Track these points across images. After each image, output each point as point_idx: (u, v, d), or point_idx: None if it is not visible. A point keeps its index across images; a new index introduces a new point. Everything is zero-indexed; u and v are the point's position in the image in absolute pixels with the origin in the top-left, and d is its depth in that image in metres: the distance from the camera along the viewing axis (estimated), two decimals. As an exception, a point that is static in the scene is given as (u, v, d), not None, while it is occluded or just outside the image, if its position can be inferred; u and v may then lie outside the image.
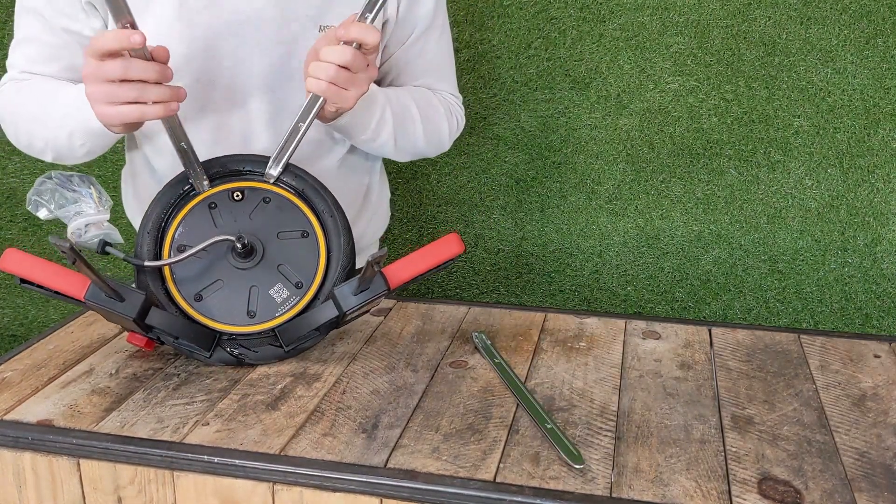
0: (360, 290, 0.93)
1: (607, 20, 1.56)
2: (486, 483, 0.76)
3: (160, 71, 0.91)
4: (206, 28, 1.05)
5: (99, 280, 0.86)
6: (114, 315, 0.91)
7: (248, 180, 1.02)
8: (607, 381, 0.95)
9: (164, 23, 1.05)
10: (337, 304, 0.95)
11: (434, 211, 1.74)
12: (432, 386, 0.93)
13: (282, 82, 1.09)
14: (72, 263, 0.83)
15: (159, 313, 0.93)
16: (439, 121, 1.18)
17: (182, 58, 1.06)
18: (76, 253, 0.81)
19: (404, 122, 1.13)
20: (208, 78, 1.08)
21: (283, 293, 0.98)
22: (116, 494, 0.83)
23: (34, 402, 0.90)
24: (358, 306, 0.94)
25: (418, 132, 1.15)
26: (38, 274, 0.88)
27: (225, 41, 1.06)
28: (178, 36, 1.05)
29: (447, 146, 1.22)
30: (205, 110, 1.10)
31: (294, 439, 0.82)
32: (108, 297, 0.89)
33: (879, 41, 1.49)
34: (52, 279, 0.88)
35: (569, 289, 1.73)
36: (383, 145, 1.13)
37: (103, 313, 0.91)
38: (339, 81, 0.95)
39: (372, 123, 1.08)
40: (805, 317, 1.65)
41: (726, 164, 1.60)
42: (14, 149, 1.82)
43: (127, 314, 0.89)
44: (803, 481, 0.76)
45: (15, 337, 2.00)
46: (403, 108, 1.12)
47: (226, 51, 1.07)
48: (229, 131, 1.11)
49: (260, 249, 0.99)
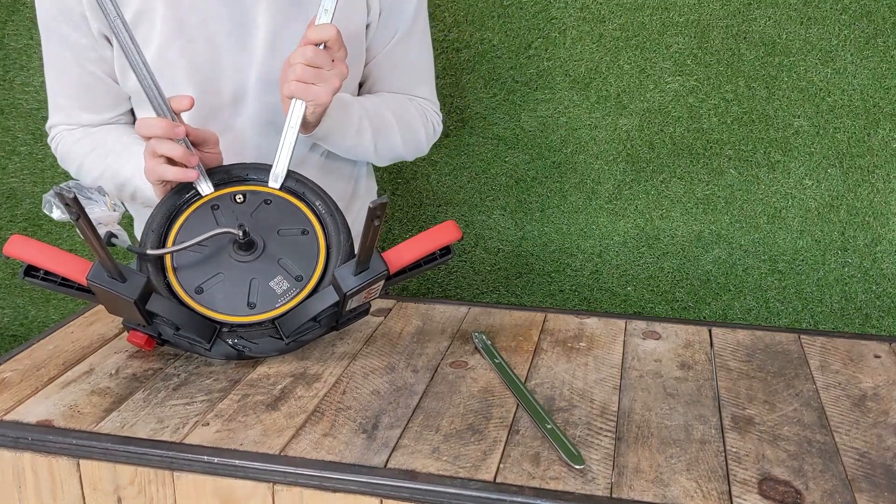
0: (359, 270, 0.93)
1: (607, 20, 1.56)
2: (486, 483, 0.76)
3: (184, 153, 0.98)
4: (206, 41, 1.09)
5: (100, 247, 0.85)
6: (115, 299, 0.90)
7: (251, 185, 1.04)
8: (607, 382, 0.95)
9: (165, 40, 1.08)
10: (337, 286, 0.95)
11: (434, 211, 1.74)
12: (432, 386, 0.93)
13: (275, 87, 1.12)
14: (74, 221, 0.82)
15: (160, 300, 0.93)
16: (416, 126, 1.22)
17: (185, 71, 1.10)
18: (79, 205, 0.80)
19: (382, 129, 1.17)
20: (212, 88, 1.12)
21: (283, 285, 0.99)
22: (116, 495, 0.83)
23: (34, 402, 0.90)
24: (358, 287, 0.93)
25: (396, 138, 1.19)
26: (41, 258, 0.88)
27: (225, 52, 1.10)
28: (180, 51, 1.09)
29: (425, 150, 1.27)
30: (209, 119, 1.13)
31: (294, 439, 0.82)
32: (110, 278, 0.89)
33: (879, 41, 1.49)
34: (55, 263, 0.88)
35: (569, 289, 1.73)
36: (364, 151, 1.18)
37: (105, 297, 0.91)
38: (306, 78, 1.00)
39: (351, 131, 1.13)
40: (805, 317, 1.65)
41: (726, 164, 1.60)
42: (14, 149, 1.83)
43: (128, 295, 0.89)
44: (803, 481, 0.76)
45: (15, 337, 2.00)
46: (380, 115, 1.17)
47: (226, 61, 1.11)
48: (233, 138, 1.14)
49: (261, 243, 1.00)
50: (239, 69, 1.11)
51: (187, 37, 1.08)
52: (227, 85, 1.12)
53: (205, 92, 1.11)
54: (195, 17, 1.08)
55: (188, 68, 1.09)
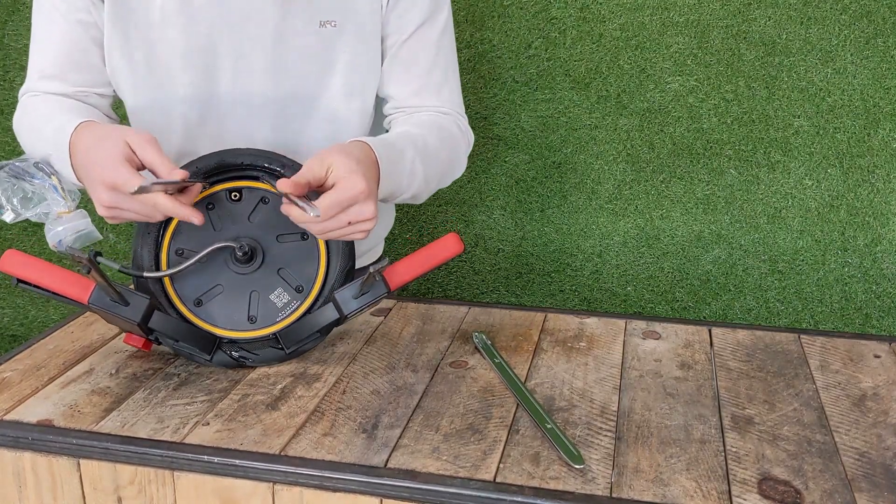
0: (360, 293, 0.94)
1: (607, 20, 1.56)
2: (486, 483, 0.76)
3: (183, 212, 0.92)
4: (209, 24, 1.06)
5: (108, 286, 0.86)
6: (116, 318, 0.91)
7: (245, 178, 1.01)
8: (607, 381, 0.95)
9: (167, 16, 1.05)
10: (338, 308, 0.95)
11: (434, 211, 1.74)
12: (432, 386, 0.93)
13: (282, 79, 1.09)
14: (86, 273, 0.83)
15: (162, 317, 0.93)
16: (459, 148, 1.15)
17: (182, 51, 1.06)
18: (93, 264, 0.81)
19: (436, 172, 1.10)
20: (209, 73, 1.08)
21: (283, 298, 0.98)
22: (116, 494, 0.83)
23: (34, 402, 0.90)
24: (358, 309, 0.94)
25: (447, 175, 1.14)
26: (39, 276, 0.87)
27: (226, 37, 1.06)
28: (181, 29, 1.05)
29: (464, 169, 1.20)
30: (206, 106, 1.10)
31: (294, 439, 0.82)
32: (113, 302, 0.89)
33: (879, 41, 1.49)
34: (54, 282, 0.88)
35: (569, 289, 1.73)
36: (416, 195, 1.10)
37: (105, 316, 0.91)
38: (336, 234, 0.92)
39: (403, 189, 1.05)
40: (805, 317, 1.65)
41: (726, 164, 1.60)
42: (14, 149, 1.83)
43: (131, 318, 0.89)
44: (803, 481, 0.76)
45: (15, 337, 2.00)
46: (429, 156, 1.08)
47: (226, 47, 1.07)
48: (230, 127, 1.11)
49: (260, 254, 0.99)
50: (241, 56, 1.07)
51: (189, 16, 1.04)
52: (225, 71, 1.08)
53: (202, 77, 1.07)
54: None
55: (185, 49, 1.06)
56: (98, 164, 0.91)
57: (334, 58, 1.09)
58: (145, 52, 1.07)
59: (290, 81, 1.09)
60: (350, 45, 1.09)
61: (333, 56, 1.09)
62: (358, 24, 1.09)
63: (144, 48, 1.07)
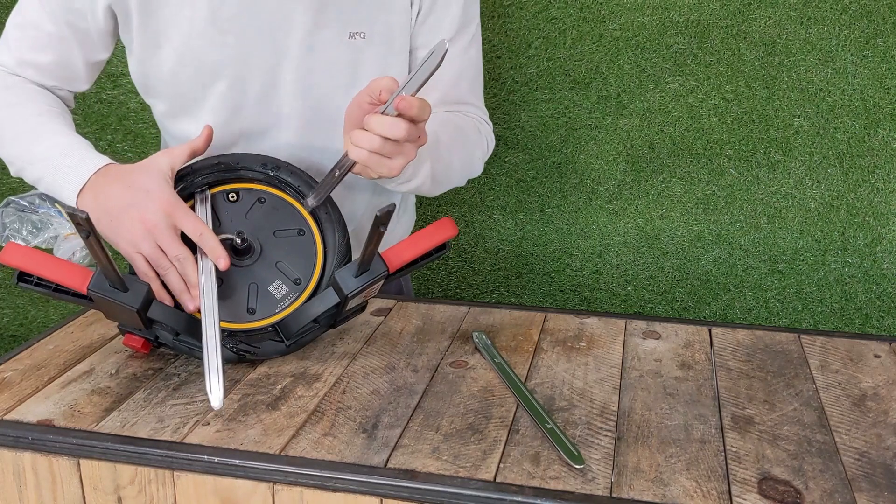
0: (360, 272, 0.94)
1: (607, 20, 1.56)
2: (486, 483, 0.76)
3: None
4: (239, 34, 1.05)
5: (108, 263, 0.85)
6: (115, 307, 0.90)
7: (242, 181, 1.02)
8: (607, 381, 0.95)
9: (196, 28, 1.05)
10: (338, 289, 0.95)
11: (434, 210, 1.74)
12: (432, 386, 0.93)
13: (312, 88, 1.09)
14: (85, 238, 0.82)
15: (161, 307, 0.93)
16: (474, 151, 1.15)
17: (213, 63, 1.06)
18: (90, 225, 0.80)
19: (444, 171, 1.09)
20: (240, 84, 1.08)
21: (282, 289, 0.99)
22: (116, 494, 0.83)
23: (34, 402, 0.90)
24: (359, 289, 0.94)
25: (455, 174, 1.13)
26: (39, 267, 0.87)
27: (257, 47, 1.06)
28: (211, 41, 1.05)
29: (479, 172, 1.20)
30: (236, 114, 1.10)
31: (294, 439, 0.83)
32: (112, 287, 0.88)
33: (879, 41, 1.49)
34: (53, 272, 0.88)
35: (569, 289, 1.73)
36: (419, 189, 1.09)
37: (104, 306, 0.91)
38: (384, 151, 0.91)
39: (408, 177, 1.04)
40: (805, 317, 1.65)
41: (726, 164, 1.60)
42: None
43: (130, 304, 0.89)
44: (803, 481, 0.76)
45: (15, 337, 2.00)
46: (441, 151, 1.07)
47: (256, 58, 1.07)
48: (260, 136, 1.11)
49: (258, 247, 1.00)
50: (270, 68, 1.07)
51: (218, 28, 1.04)
52: (254, 83, 1.08)
53: (230, 88, 1.08)
54: (229, 9, 1.04)
55: (215, 61, 1.06)
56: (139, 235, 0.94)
57: (362, 69, 1.09)
58: (174, 64, 1.07)
59: (319, 91, 1.09)
60: (378, 57, 1.09)
61: (361, 68, 1.09)
62: (387, 36, 1.09)
63: (174, 59, 1.07)
